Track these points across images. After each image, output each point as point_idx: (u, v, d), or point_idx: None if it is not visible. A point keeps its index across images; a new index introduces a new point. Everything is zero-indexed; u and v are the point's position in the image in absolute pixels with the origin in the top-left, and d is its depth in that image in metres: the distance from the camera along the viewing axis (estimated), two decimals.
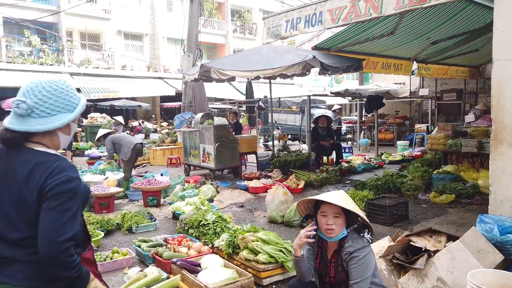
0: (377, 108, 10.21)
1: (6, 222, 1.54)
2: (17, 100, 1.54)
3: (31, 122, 1.55)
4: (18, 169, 1.54)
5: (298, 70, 6.80)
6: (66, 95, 1.64)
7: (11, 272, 1.52)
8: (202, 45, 32.40)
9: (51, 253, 1.44)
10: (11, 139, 1.55)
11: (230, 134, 8.42)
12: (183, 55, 11.97)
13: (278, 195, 5.59)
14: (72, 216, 1.51)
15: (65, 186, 1.50)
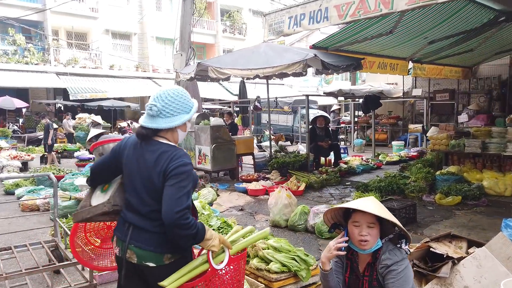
0: (374, 108, 10.08)
1: (138, 199, 1.97)
2: (150, 104, 1.96)
3: (159, 121, 1.96)
4: (147, 157, 1.96)
5: (298, 68, 6.61)
6: (184, 99, 2.02)
7: (142, 238, 1.94)
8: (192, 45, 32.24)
9: (171, 219, 1.80)
10: (144, 134, 1.98)
11: (227, 135, 8.18)
12: (176, 54, 11.66)
13: (281, 198, 5.38)
14: (186, 192, 1.89)
15: (182, 169, 1.90)
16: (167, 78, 27.45)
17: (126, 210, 2.03)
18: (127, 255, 1.94)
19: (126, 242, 1.94)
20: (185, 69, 8.52)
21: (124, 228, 1.99)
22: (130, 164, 2.02)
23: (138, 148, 2.01)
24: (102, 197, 2.11)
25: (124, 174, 2.06)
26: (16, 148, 12.87)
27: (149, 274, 1.94)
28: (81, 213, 2.13)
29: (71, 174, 7.84)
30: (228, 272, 2.01)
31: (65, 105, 24.73)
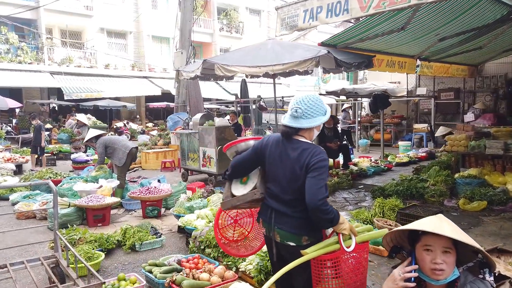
0: (384, 107, 9.75)
1: (281, 188, 2.29)
2: (295, 107, 2.24)
3: (301, 122, 2.25)
4: (290, 153, 2.26)
5: (311, 66, 6.25)
6: (321, 103, 2.29)
7: (284, 221, 2.27)
8: None
9: (315, 205, 2.10)
10: (288, 132, 2.28)
11: (233, 136, 7.79)
12: (176, 52, 11.28)
13: None
14: (325, 184, 2.18)
15: (322, 163, 2.18)
16: (164, 78, 27.01)
17: (269, 197, 2.38)
18: (272, 235, 2.31)
19: (272, 224, 2.30)
20: (188, 67, 8.13)
21: (268, 212, 2.35)
22: (273, 159, 2.34)
23: (280, 145, 2.33)
24: (243, 188, 2.51)
25: (267, 167, 2.39)
26: (9, 150, 12.41)
27: (289, 252, 2.28)
28: (230, 201, 2.53)
29: (68, 178, 7.44)
30: (352, 257, 2.28)
31: (59, 105, 24.22)
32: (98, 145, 6.77)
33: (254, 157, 2.45)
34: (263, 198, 2.40)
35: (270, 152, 2.36)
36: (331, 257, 2.19)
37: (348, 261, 2.25)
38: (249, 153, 2.48)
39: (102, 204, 5.46)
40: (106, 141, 6.85)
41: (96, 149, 8.06)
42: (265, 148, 2.38)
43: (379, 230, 2.48)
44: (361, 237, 2.33)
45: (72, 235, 4.33)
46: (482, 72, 13.98)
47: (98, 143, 6.81)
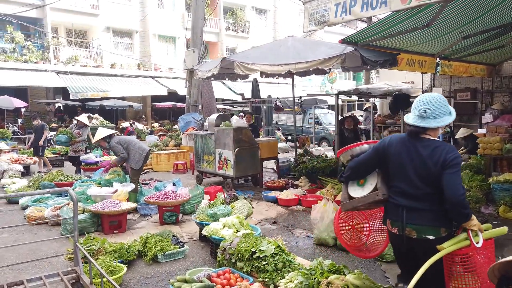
0: (404, 108, 9.39)
1: (411, 185, 2.40)
2: (424, 108, 2.38)
3: (430, 121, 2.38)
4: (421, 150, 2.39)
5: (336, 64, 5.94)
6: (446, 103, 2.40)
7: (418, 216, 2.38)
8: None
9: (458, 200, 2.25)
10: (416, 132, 2.43)
11: (251, 138, 7.49)
12: (187, 50, 10.96)
13: (328, 212, 4.69)
14: (461, 179, 2.34)
15: (457, 160, 2.33)
16: (170, 77, 26.76)
17: (396, 196, 2.45)
18: (406, 232, 2.35)
19: (403, 222, 2.35)
20: (204, 66, 7.80)
21: (398, 211, 2.40)
22: (400, 157, 2.43)
23: (407, 144, 2.42)
24: (361, 189, 2.61)
25: (394, 166, 2.47)
26: (17, 151, 12.13)
27: (425, 247, 2.34)
28: (351, 203, 2.64)
29: (80, 181, 7.13)
30: (481, 253, 2.34)
31: (65, 105, 23.98)
32: (114, 144, 6.43)
33: (375, 158, 2.58)
34: (385, 199, 2.51)
35: (395, 152, 2.47)
36: (463, 252, 2.31)
37: (478, 257, 2.33)
38: (370, 155, 2.62)
39: (119, 210, 5.15)
40: (121, 140, 6.53)
41: (105, 150, 7.68)
42: (389, 148, 2.50)
43: (500, 228, 2.52)
44: (486, 234, 2.40)
45: (91, 245, 4.02)
46: (501, 71, 13.59)
47: (113, 142, 6.46)
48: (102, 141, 6.59)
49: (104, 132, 6.62)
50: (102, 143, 6.62)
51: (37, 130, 10.88)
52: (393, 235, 2.49)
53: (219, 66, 6.61)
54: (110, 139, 6.53)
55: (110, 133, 6.60)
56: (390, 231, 2.51)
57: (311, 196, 6.40)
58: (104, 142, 6.59)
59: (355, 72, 40.75)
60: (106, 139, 6.54)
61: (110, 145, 6.49)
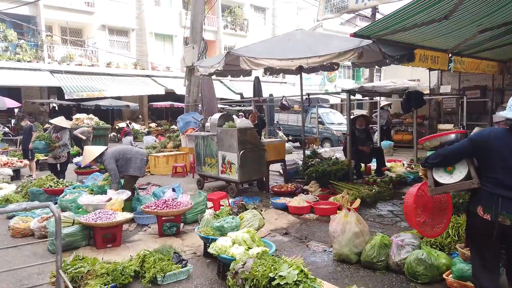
0: (418, 106, 8.85)
1: (506, 174, 2.49)
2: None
3: None
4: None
5: (352, 58, 5.42)
6: None
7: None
8: None
9: None
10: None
11: (257, 139, 6.95)
12: (186, 47, 10.40)
13: (350, 224, 4.14)
14: None
15: None
16: (167, 76, 26.17)
17: (493, 185, 2.54)
18: (499, 219, 2.46)
19: (498, 210, 2.46)
20: (206, 62, 7.24)
21: (493, 199, 2.50)
22: (499, 150, 2.52)
23: (508, 138, 2.52)
24: (449, 176, 2.77)
25: (493, 157, 2.55)
26: (7, 153, 11.53)
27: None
28: (442, 189, 2.82)
29: (71, 187, 6.56)
30: None
31: (60, 105, 23.35)
32: (107, 161, 5.77)
33: (470, 149, 2.66)
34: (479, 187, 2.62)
35: (495, 144, 2.54)
36: None
37: None
38: (465, 145, 2.69)
39: (113, 222, 4.59)
40: (114, 154, 5.88)
41: (102, 166, 6.83)
42: (488, 141, 2.57)
43: None
44: None
45: (79, 267, 3.45)
46: (511, 69, 13.11)
47: (105, 159, 5.80)
48: (93, 162, 5.99)
49: (93, 154, 5.92)
50: (92, 163, 6.02)
51: (25, 132, 10.29)
52: (483, 220, 2.56)
53: (223, 61, 6.04)
54: (101, 158, 5.91)
55: (100, 153, 5.93)
56: (480, 216, 2.57)
57: (324, 203, 5.85)
58: (95, 163, 6.00)
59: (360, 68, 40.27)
60: (97, 159, 5.93)
61: (104, 164, 5.86)
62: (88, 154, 5.91)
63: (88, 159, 5.90)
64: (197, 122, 9.93)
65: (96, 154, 5.83)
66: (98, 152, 5.86)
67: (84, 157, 5.98)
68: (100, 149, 5.93)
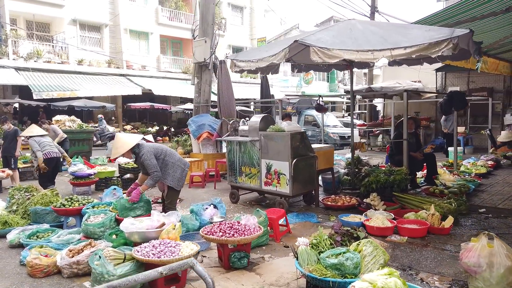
0: (460, 108, 8.20)
1: None
2: None
3: None
4: None
5: (447, 49, 4.58)
6: None
7: None
8: (167, 39, 29.41)
9: None
10: None
11: (309, 146, 5.98)
12: (197, 40, 9.24)
13: (499, 256, 3.28)
14: None
15: None
16: (143, 76, 24.61)
17: None
18: None
19: None
20: (248, 54, 6.14)
21: None
22: None
23: None
24: None
25: None
26: None
27: None
28: None
29: (89, 205, 5.29)
30: None
31: (24, 106, 21.14)
32: (147, 155, 4.61)
33: None
34: None
35: None
36: None
37: None
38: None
39: (182, 258, 3.47)
40: (156, 150, 4.73)
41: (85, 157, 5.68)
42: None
43: None
44: None
45: None
46: None
47: (144, 152, 4.63)
48: (128, 154, 4.77)
49: (127, 143, 4.75)
50: (127, 155, 4.79)
51: (7, 136, 8.76)
52: None
53: (289, 49, 5.01)
54: (139, 148, 4.73)
55: (137, 142, 4.78)
56: None
57: (409, 222, 4.97)
58: (130, 154, 4.78)
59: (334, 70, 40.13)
60: (135, 149, 4.73)
61: (142, 157, 4.67)
62: (122, 143, 4.69)
63: (122, 149, 4.67)
64: (212, 125, 8.81)
65: (132, 144, 4.65)
66: (135, 141, 4.69)
67: (116, 147, 4.74)
68: (136, 138, 4.76)
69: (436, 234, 4.78)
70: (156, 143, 5.45)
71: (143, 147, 4.69)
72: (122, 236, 4.25)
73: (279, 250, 4.61)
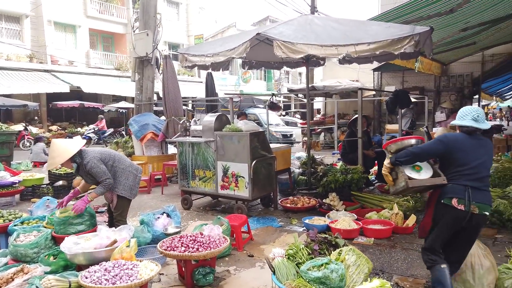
0: (405, 106, 8.41)
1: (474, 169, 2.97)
2: (477, 113, 3.02)
3: (481, 125, 3.01)
4: (481, 143, 3.05)
5: (408, 47, 4.53)
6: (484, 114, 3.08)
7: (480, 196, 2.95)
8: (97, 34, 27.56)
9: None
10: (475, 131, 3.04)
11: (268, 146, 5.67)
12: (138, 33, 8.50)
13: (477, 256, 3.24)
14: None
15: None
16: (71, 72, 22.78)
17: (461, 179, 2.97)
18: (471, 208, 2.90)
19: (470, 200, 2.90)
20: (200, 48, 5.64)
21: (464, 191, 2.93)
22: (465, 149, 3.00)
23: (470, 140, 3.02)
24: (417, 174, 3.21)
25: (457, 155, 3.01)
26: None
27: (479, 221, 2.98)
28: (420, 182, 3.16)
29: (17, 221, 4.48)
30: None
31: None
32: (93, 162, 3.95)
33: (441, 149, 3.07)
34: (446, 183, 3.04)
35: (460, 145, 3.01)
36: None
37: None
38: (436, 146, 3.10)
39: (142, 282, 2.95)
40: (103, 155, 4.09)
41: None
42: (455, 143, 3.03)
43: None
44: None
45: None
46: (448, 71, 13.82)
47: (90, 159, 3.97)
48: (68, 163, 4.06)
49: (68, 150, 4.03)
50: (67, 164, 4.08)
51: None
52: (457, 211, 2.95)
53: (249, 45, 4.62)
54: (81, 156, 4.06)
55: (79, 149, 4.09)
56: (455, 207, 2.94)
57: (373, 222, 4.86)
58: (70, 163, 4.07)
59: (271, 70, 40.47)
60: (76, 158, 4.04)
61: (87, 166, 3.99)
62: (61, 152, 3.95)
63: (60, 158, 3.92)
64: (156, 125, 8.16)
65: (73, 151, 3.95)
66: (76, 147, 4.00)
67: (53, 156, 3.97)
68: (77, 144, 4.06)
69: (401, 234, 4.72)
70: (100, 148, 4.78)
71: (86, 154, 4.02)
72: (62, 257, 3.60)
73: (244, 261, 4.25)
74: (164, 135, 7.81)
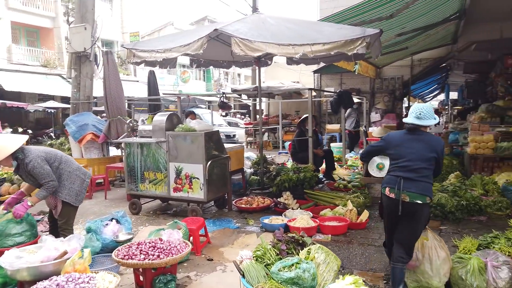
0: (349, 106, 8.72)
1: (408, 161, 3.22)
2: (419, 111, 3.28)
3: (423, 121, 3.26)
4: (419, 138, 3.27)
5: (360, 48, 4.66)
6: (432, 111, 3.32)
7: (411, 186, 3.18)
8: (20, 27, 25.45)
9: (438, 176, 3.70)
10: (416, 127, 3.29)
11: (222, 146, 5.54)
12: (75, 27, 7.87)
13: (434, 249, 3.41)
14: None
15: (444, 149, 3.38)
16: None
17: (396, 170, 3.26)
18: (402, 197, 3.14)
19: (400, 189, 3.14)
20: (150, 44, 5.33)
21: (396, 181, 3.18)
22: (401, 144, 3.30)
23: (407, 136, 3.32)
24: (378, 172, 4.24)
25: (394, 150, 3.34)
26: None
27: (413, 209, 3.15)
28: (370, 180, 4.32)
29: None
30: None
31: None
32: (36, 162, 3.52)
33: (383, 146, 3.48)
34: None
35: (397, 141, 3.34)
36: None
37: None
38: (380, 144, 3.55)
39: None
40: (48, 155, 3.67)
41: None
42: (391, 140, 3.39)
43: None
44: None
45: None
46: (381, 74, 14.63)
47: (32, 158, 3.53)
48: (7, 161, 3.60)
49: (11, 145, 3.55)
50: (5, 162, 3.61)
51: None
52: (389, 199, 3.24)
53: (206, 41, 4.43)
54: (23, 153, 3.62)
55: (20, 146, 3.65)
56: (387, 196, 3.26)
57: (329, 219, 4.94)
58: (10, 161, 3.61)
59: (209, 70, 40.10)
60: (18, 154, 3.58)
61: (29, 165, 3.55)
62: (0, 147, 3.49)
63: (5, 152, 3.47)
64: (96, 125, 7.62)
65: (13, 148, 3.49)
66: (17, 144, 3.54)
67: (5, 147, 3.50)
68: (19, 140, 3.60)
69: (356, 229, 4.85)
70: (46, 147, 4.30)
71: (29, 151, 3.59)
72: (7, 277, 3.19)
73: (203, 265, 4.09)
74: (106, 136, 7.33)
